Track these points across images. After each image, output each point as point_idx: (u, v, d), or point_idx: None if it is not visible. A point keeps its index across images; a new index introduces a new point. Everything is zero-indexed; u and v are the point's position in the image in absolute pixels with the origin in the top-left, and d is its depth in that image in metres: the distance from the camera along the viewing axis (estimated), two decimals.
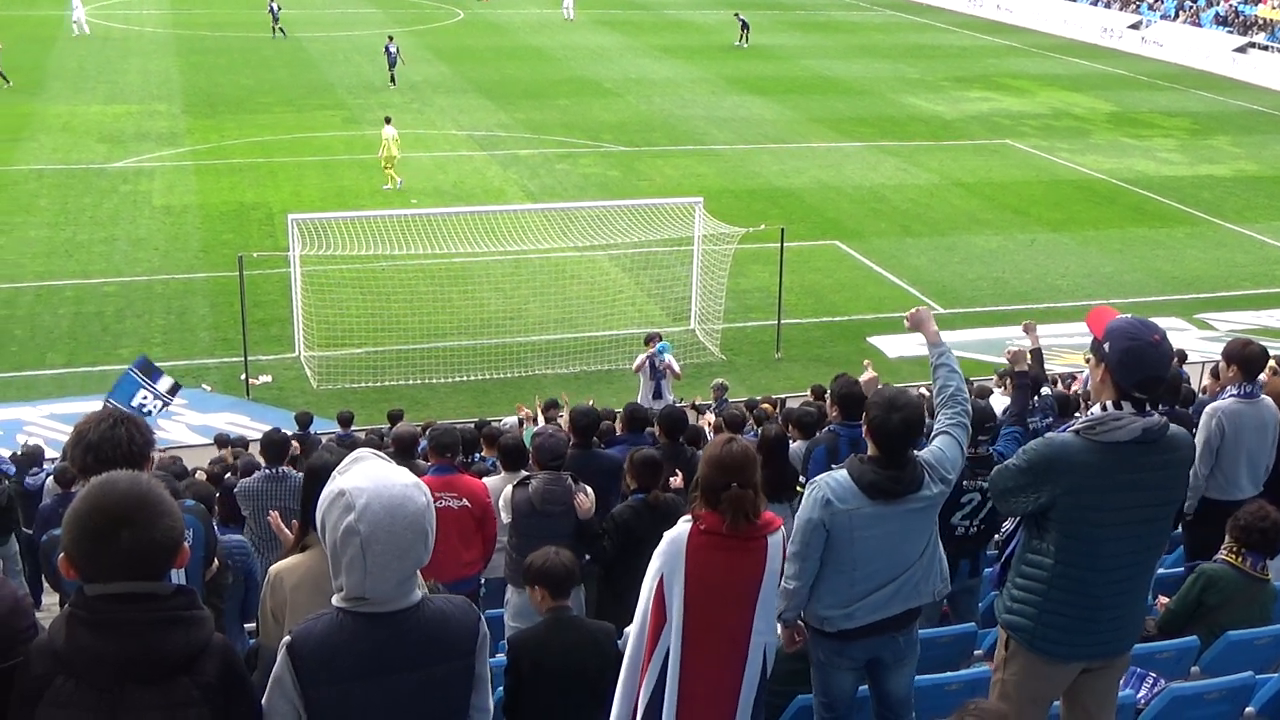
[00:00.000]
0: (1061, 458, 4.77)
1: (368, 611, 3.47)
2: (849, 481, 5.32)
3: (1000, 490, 5.01)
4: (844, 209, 30.51)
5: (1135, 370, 4.71)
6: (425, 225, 22.43)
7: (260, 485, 9.99)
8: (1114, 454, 4.72)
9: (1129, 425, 4.70)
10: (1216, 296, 25.50)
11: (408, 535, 3.42)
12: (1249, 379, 7.91)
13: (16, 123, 35.56)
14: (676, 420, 9.47)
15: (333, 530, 3.46)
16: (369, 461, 3.58)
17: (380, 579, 3.43)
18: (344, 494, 3.46)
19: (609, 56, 49.85)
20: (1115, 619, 5.00)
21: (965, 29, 61.73)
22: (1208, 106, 45.34)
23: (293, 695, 3.44)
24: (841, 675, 5.63)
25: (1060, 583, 4.89)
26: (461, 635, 3.59)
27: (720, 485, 4.95)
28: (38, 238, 26.30)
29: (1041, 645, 4.98)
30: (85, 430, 4.56)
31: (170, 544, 3.22)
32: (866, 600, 5.41)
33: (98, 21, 52.32)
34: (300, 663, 3.43)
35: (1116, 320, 4.86)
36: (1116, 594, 4.94)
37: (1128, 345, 4.71)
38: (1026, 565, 5.02)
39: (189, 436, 18.20)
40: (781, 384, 19.81)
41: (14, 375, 20.08)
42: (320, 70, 44.86)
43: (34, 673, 3.19)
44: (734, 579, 5.04)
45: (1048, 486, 4.79)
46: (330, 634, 3.46)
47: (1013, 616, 5.06)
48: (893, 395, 5.45)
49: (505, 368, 20.79)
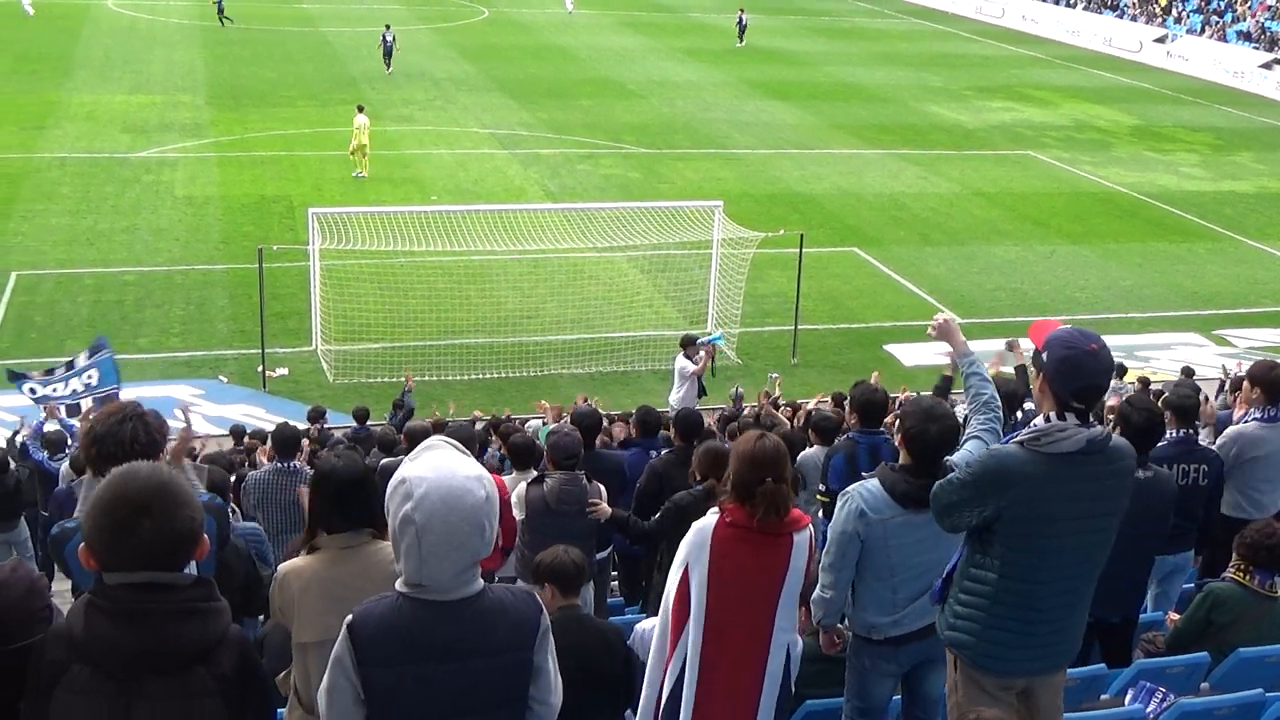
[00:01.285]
0: (1006, 469, 4.70)
1: (426, 598, 3.51)
2: (881, 491, 5.33)
3: (943, 505, 4.88)
4: (864, 216, 30.48)
5: (1072, 379, 4.65)
6: (445, 222, 22.47)
7: (269, 478, 9.98)
8: (1058, 465, 4.67)
9: (1074, 436, 4.65)
10: (1236, 313, 25.40)
11: (464, 528, 3.45)
12: (1272, 403, 7.86)
13: (41, 110, 35.76)
14: (692, 423, 9.47)
15: (393, 517, 3.51)
16: (438, 450, 3.61)
17: (436, 568, 3.47)
18: (405, 481, 3.51)
19: (632, 58, 49.89)
20: (1057, 631, 4.94)
21: (989, 39, 61.60)
22: (1232, 122, 45.16)
23: (352, 674, 3.51)
24: (882, 681, 5.66)
25: (1004, 597, 4.82)
26: (521, 627, 3.62)
27: (753, 480, 4.96)
28: (59, 225, 26.43)
29: (984, 661, 4.92)
30: (94, 423, 4.62)
31: (190, 534, 3.25)
32: (912, 607, 5.43)
33: (124, 12, 52.62)
34: (359, 642, 3.49)
35: (1055, 331, 4.80)
36: (1060, 606, 4.88)
37: (1064, 354, 4.66)
38: (970, 580, 4.93)
39: (205, 427, 18.25)
40: (798, 390, 19.78)
41: (33, 361, 20.14)
42: (344, 64, 45.01)
43: (50, 659, 3.22)
44: (759, 574, 5.05)
45: (993, 499, 4.71)
46: (389, 617, 3.51)
47: (955, 633, 4.98)
48: (930, 406, 5.46)
49: (521, 366, 20.82)
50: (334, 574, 4.50)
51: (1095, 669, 6.35)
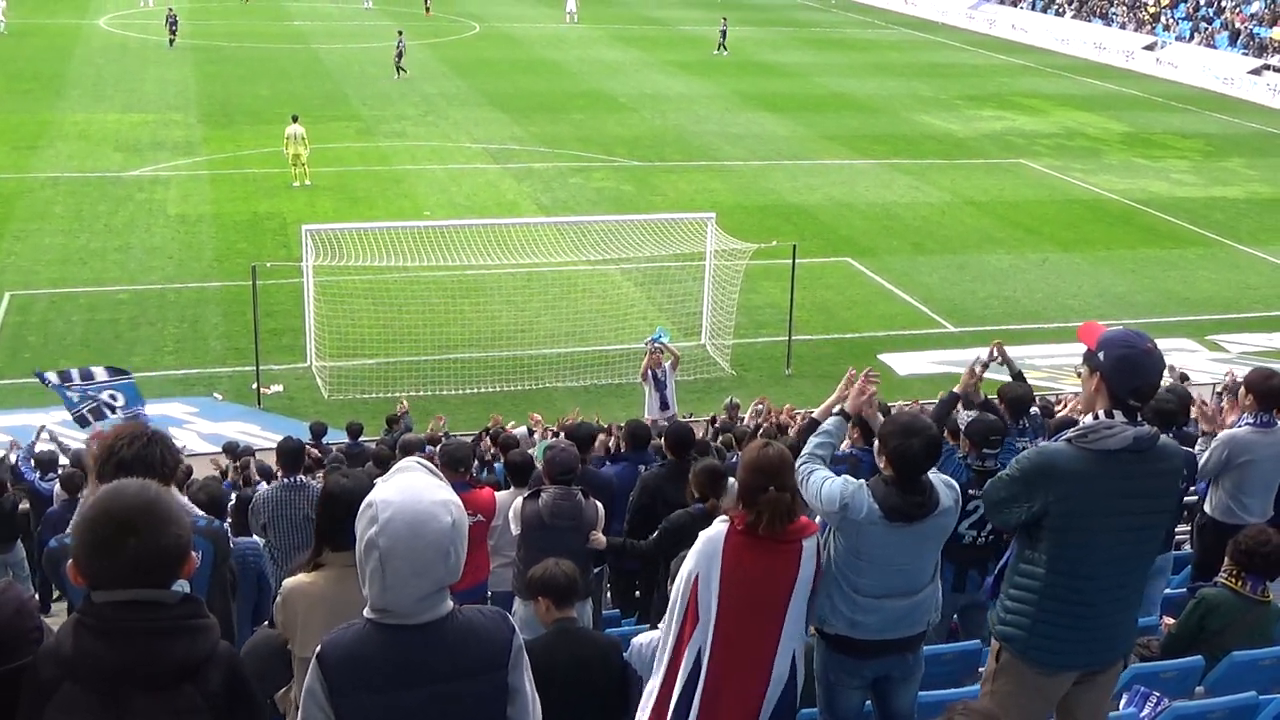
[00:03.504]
0: (1054, 465, 4.83)
1: (393, 623, 3.46)
2: (871, 501, 5.35)
3: (994, 502, 5.04)
4: (856, 226, 30.54)
5: (1131, 378, 4.78)
6: (438, 237, 22.49)
7: (279, 494, 9.90)
8: (1106, 462, 4.77)
9: (1121, 434, 4.76)
10: (1228, 318, 25.46)
11: (428, 554, 3.39)
12: (1265, 410, 7.92)
13: (34, 130, 35.79)
14: (683, 437, 9.46)
15: (359, 540, 3.47)
16: (409, 474, 3.56)
17: (399, 593, 3.42)
18: (371, 505, 3.46)
19: (624, 71, 50.00)
20: (1108, 627, 5.03)
21: (979, 48, 61.78)
22: (1222, 128, 45.31)
23: (325, 704, 3.45)
24: (849, 694, 5.67)
25: (1053, 592, 4.93)
26: (493, 648, 3.56)
27: (758, 488, 5.02)
28: (52, 245, 26.43)
29: (1035, 655, 5.02)
30: (117, 447, 4.56)
31: (177, 552, 3.24)
32: (872, 615, 5.43)
33: (116, 31, 52.68)
34: (329, 671, 3.44)
35: (1110, 330, 4.95)
36: (1109, 602, 4.97)
37: (1123, 353, 4.80)
38: (1019, 576, 5.05)
39: (199, 445, 18.25)
40: (792, 400, 19.78)
41: (27, 381, 20.14)
42: (335, 82, 45.07)
43: (42, 677, 3.22)
44: (767, 581, 5.10)
45: (1040, 495, 4.84)
46: (357, 644, 3.46)
47: (1007, 628, 5.09)
48: (908, 421, 5.49)
49: (516, 380, 20.83)
50: (339, 591, 4.52)
51: None
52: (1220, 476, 7.93)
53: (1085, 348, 4.96)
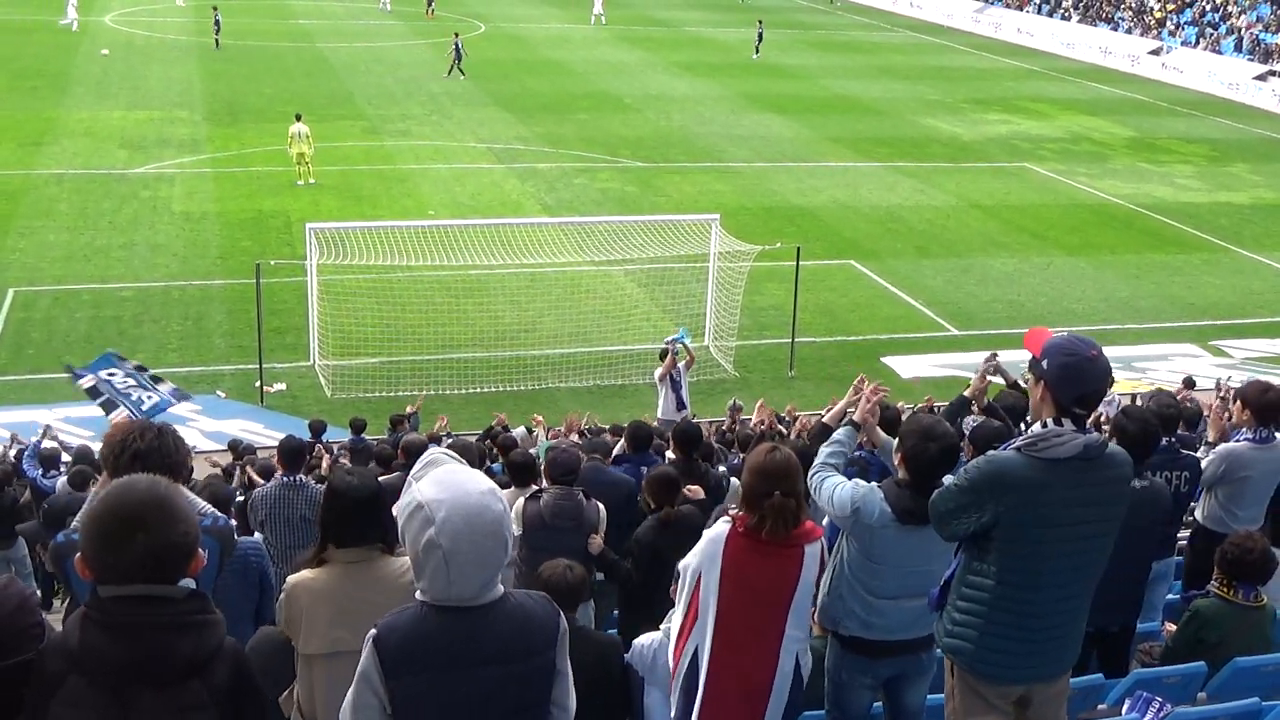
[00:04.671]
0: (1004, 474, 4.74)
1: (450, 605, 3.53)
2: (884, 503, 5.34)
3: (941, 513, 4.91)
4: (860, 229, 30.53)
5: (1074, 386, 4.72)
6: (442, 237, 22.50)
7: (278, 493, 9.87)
8: (1055, 471, 4.70)
9: (1070, 442, 4.69)
10: (1233, 324, 25.45)
11: (488, 543, 3.49)
12: (1264, 424, 7.88)
13: (40, 127, 35.81)
14: (690, 436, 9.44)
15: (413, 543, 3.53)
16: (444, 467, 3.62)
17: (463, 585, 3.51)
18: (422, 507, 3.51)
19: (629, 72, 50.00)
20: (1056, 639, 4.95)
21: (985, 51, 61.76)
22: (1227, 133, 45.27)
23: (380, 688, 3.51)
24: (860, 693, 5.68)
25: (1002, 604, 4.84)
26: (543, 630, 3.65)
27: (763, 492, 5.01)
28: (57, 242, 26.46)
29: (982, 668, 4.93)
30: (129, 440, 4.55)
31: (185, 548, 3.26)
32: (886, 617, 5.44)
33: (122, 29, 52.72)
34: (385, 654, 3.51)
35: (1054, 338, 4.87)
36: (1058, 613, 4.89)
37: (1065, 361, 4.73)
38: (967, 588, 4.94)
39: (203, 442, 18.25)
40: (795, 403, 19.80)
41: (30, 378, 20.19)
42: (341, 80, 45.10)
43: (48, 671, 3.23)
44: (769, 583, 5.09)
45: (990, 505, 4.74)
46: (414, 626, 3.53)
47: (953, 640, 4.99)
48: (929, 425, 5.49)
49: (519, 380, 20.83)
50: (343, 588, 4.53)
51: (1093, 679, 6.35)
52: (1215, 486, 7.89)
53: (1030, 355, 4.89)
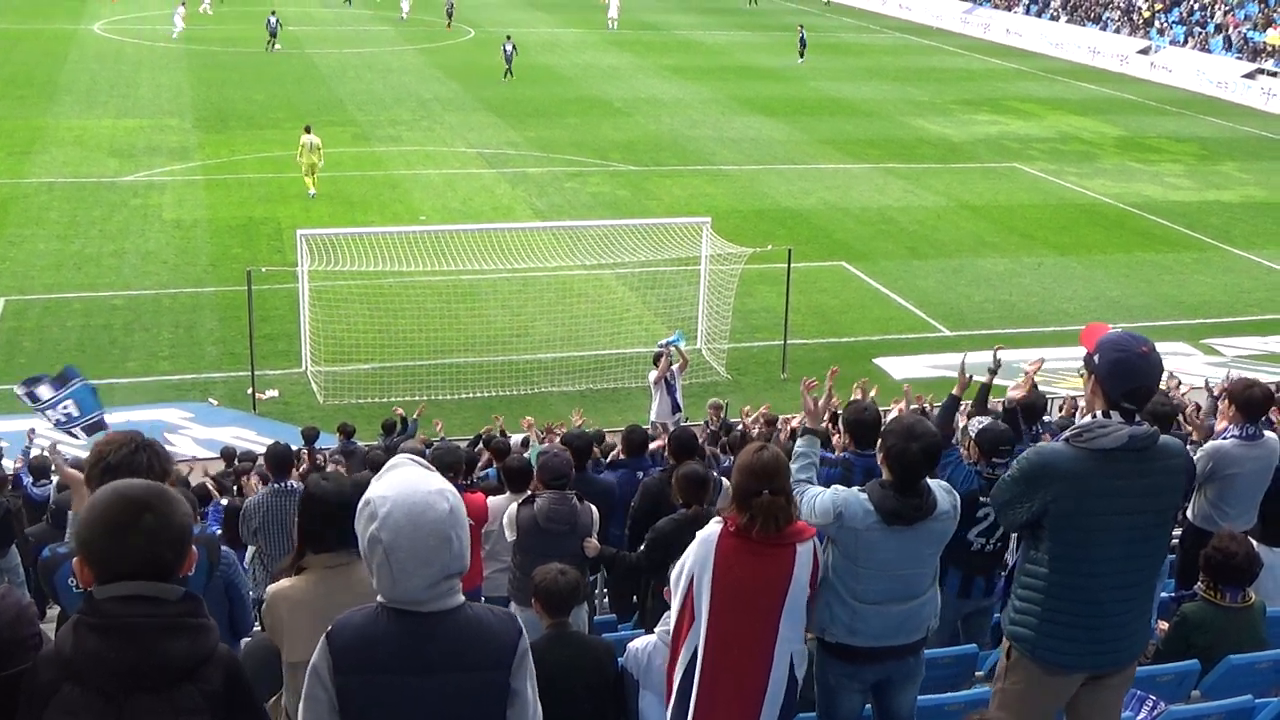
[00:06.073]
0: (1051, 464, 4.95)
1: (404, 609, 3.54)
2: (868, 505, 5.36)
3: (1000, 504, 5.19)
4: (851, 230, 30.57)
5: (1124, 380, 4.89)
6: (433, 242, 22.50)
7: (269, 500, 9.87)
8: (1102, 461, 4.88)
9: (1116, 432, 4.86)
10: (1223, 322, 25.50)
11: (430, 541, 3.48)
12: (1251, 421, 7.90)
13: (29, 136, 35.76)
14: (686, 442, 9.44)
15: (361, 538, 3.55)
16: (402, 469, 3.64)
17: (407, 584, 3.50)
18: (369, 502, 3.55)
19: (619, 76, 50.02)
20: (1115, 628, 5.08)
21: (973, 52, 61.86)
22: (1216, 132, 45.38)
23: (328, 683, 3.53)
24: (849, 697, 5.69)
25: (1056, 590, 5.03)
26: (498, 646, 3.62)
27: (752, 491, 5.04)
28: (47, 250, 26.41)
29: (1043, 654, 5.09)
30: (106, 453, 4.57)
31: (186, 535, 3.29)
32: (871, 623, 5.44)
33: (111, 37, 52.64)
34: (336, 650, 3.53)
35: (1108, 334, 5.07)
36: (1117, 602, 5.03)
37: (1116, 356, 4.91)
38: (1025, 575, 5.16)
39: (195, 450, 18.23)
40: (787, 405, 19.80)
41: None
42: (330, 86, 45.08)
43: (42, 679, 3.23)
44: (761, 583, 5.12)
45: (1040, 494, 4.95)
46: (366, 626, 3.55)
47: (1015, 627, 5.18)
48: (911, 424, 5.53)
49: (511, 385, 20.82)
50: (322, 593, 4.54)
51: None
52: (1204, 484, 7.92)
53: (1085, 350, 5.05)
